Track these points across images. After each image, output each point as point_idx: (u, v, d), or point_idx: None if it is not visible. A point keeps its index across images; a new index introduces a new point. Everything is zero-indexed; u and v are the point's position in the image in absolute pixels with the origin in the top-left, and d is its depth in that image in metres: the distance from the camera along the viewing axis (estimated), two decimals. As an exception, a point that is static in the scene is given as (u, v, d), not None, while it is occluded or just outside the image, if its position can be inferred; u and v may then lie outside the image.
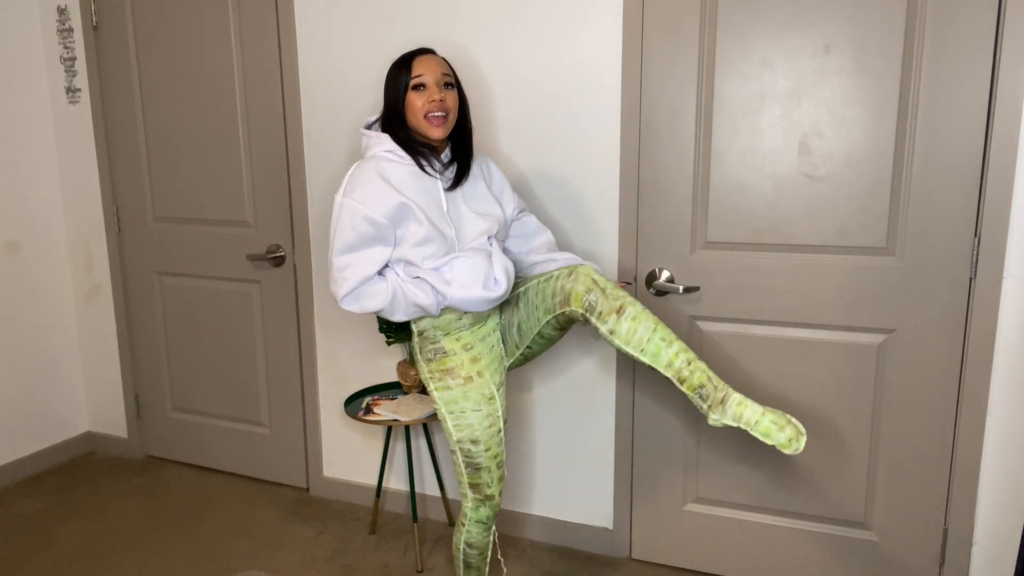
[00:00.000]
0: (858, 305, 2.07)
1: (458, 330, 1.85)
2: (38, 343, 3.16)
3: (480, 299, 1.78)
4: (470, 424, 1.84)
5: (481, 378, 1.85)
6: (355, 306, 1.78)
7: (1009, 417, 1.99)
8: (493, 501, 1.91)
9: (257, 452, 3.03)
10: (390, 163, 1.79)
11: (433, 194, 1.81)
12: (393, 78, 1.81)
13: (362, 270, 1.75)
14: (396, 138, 1.81)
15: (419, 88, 1.77)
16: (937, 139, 1.93)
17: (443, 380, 1.85)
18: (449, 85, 1.80)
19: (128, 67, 2.94)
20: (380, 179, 1.75)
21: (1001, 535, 2.05)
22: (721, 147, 2.13)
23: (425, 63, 1.78)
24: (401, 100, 1.79)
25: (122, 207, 3.09)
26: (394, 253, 1.79)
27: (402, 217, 1.75)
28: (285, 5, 2.60)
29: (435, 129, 1.77)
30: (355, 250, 1.76)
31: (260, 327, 2.91)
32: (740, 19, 2.05)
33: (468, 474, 1.88)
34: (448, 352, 1.85)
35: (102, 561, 2.49)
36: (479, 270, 1.78)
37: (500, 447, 1.89)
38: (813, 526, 2.24)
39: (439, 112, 1.76)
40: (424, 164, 1.80)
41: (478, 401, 1.84)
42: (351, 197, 1.74)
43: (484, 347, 1.88)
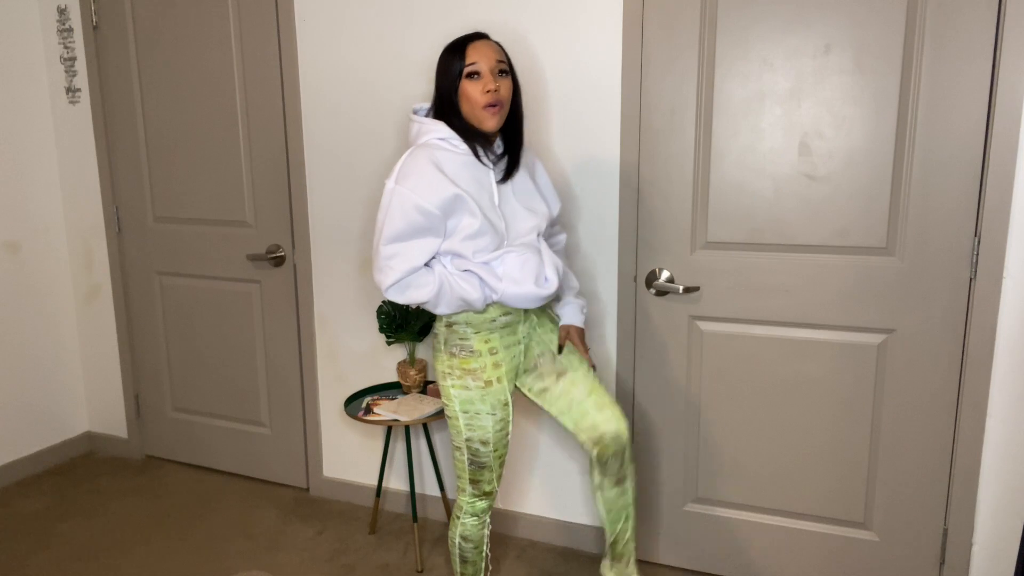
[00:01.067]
0: (858, 305, 2.07)
1: (489, 331, 1.82)
2: (38, 343, 3.16)
3: (532, 295, 1.75)
4: (483, 426, 1.82)
5: (500, 384, 1.83)
6: (400, 297, 1.74)
7: (1009, 417, 1.99)
8: (491, 497, 1.91)
9: (257, 452, 3.03)
10: (444, 152, 1.73)
11: (486, 186, 1.76)
12: (446, 64, 1.74)
13: (410, 260, 1.71)
14: (452, 126, 1.75)
15: (473, 76, 1.71)
16: (937, 139, 1.93)
17: (463, 379, 1.82)
18: (503, 72, 1.74)
19: (128, 67, 2.94)
20: (434, 168, 1.69)
21: (1001, 535, 2.05)
22: (721, 147, 2.13)
23: (479, 49, 1.72)
24: (454, 88, 1.73)
25: (122, 207, 3.09)
26: (443, 245, 1.74)
27: (456, 208, 1.70)
28: (285, 5, 2.60)
29: (490, 119, 1.72)
30: (404, 239, 1.71)
31: (260, 327, 2.91)
32: (740, 19, 2.05)
33: (471, 471, 1.87)
34: (475, 352, 1.81)
35: (102, 561, 2.49)
36: (531, 266, 1.75)
37: (505, 448, 1.89)
38: (813, 526, 2.24)
39: (494, 102, 1.71)
40: (480, 153, 1.75)
41: (494, 406, 1.82)
42: (404, 185, 1.69)
43: (507, 355, 1.85)
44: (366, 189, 2.60)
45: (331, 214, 2.68)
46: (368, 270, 2.66)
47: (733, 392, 2.24)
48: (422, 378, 2.54)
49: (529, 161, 1.92)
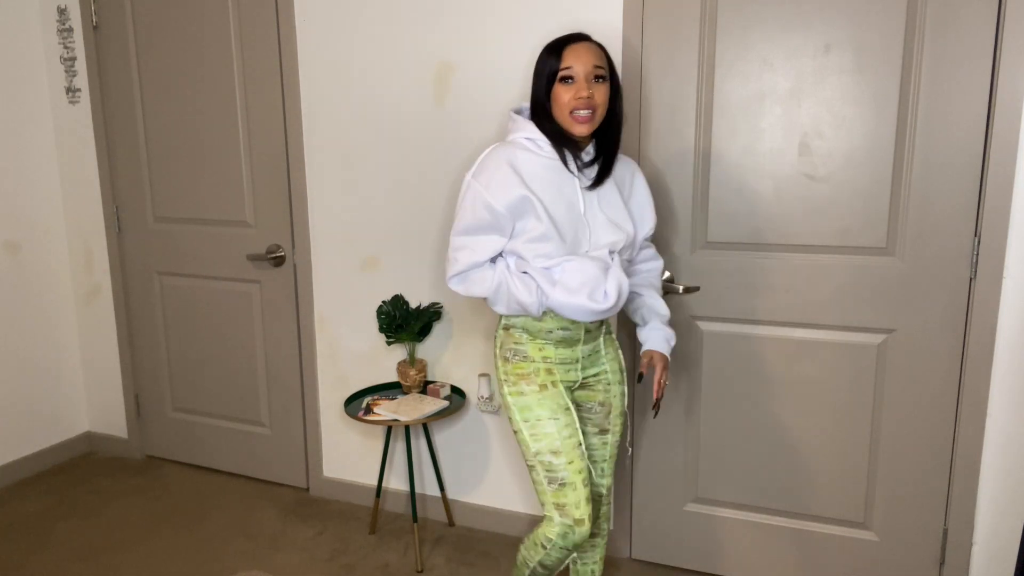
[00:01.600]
0: (858, 305, 2.07)
1: (544, 341, 1.75)
2: (38, 343, 3.16)
3: (583, 308, 1.66)
4: (548, 433, 1.71)
5: (556, 388, 1.74)
6: (461, 288, 1.74)
7: (1009, 417, 1.99)
8: (583, 528, 1.69)
9: (257, 452, 3.03)
10: (526, 152, 1.69)
11: (566, 192, 1.69)
12: (541, 65, 1.68)
13: (473, 255, 1.70)
14: (541, 127, 1.69)
15: (567, 81, 1.64)
16: (937, 139, 1.93)
17: (518, 384, 1.75)
18: (600, 78, 1.66)
19: (128, 67, 2.94)
20: (509, 167, 1.66)
21: (1001, 535, 2.05)
22: (721, 147, 2.13)
23: (577, 52, 1.64)
24: (546, 91, 1.67)
25: (122, 207, 3.09)
26: (509, 244, 1.70)
27: (523, 210, 1.66)
28: (285, 5, 2.60)
29: (579, 126, 1.65)
30: (471, 233, 1.70)
31: (260, 327, 2.91)
32: (740, 19, 2.05)
33: (552, 492, 1.70)
34: (528, 358, 1.75)
35: (102, 561, 2.49)
36: (588, 276, 1.67)
37: (584, 461, 1.73)
38: (813, 526, 2.24)
39: (585, 109, 1.64)
40: (567, 159, 1.69)
41: (554, 410, 1.72)
42: (478, 180, 1.67)
43: (561, 368, 1.77)
44: (366, 189, 2.60)
45: (331, 214, 2.68)
46: (368, 270, 2.66)
47: (733, 392, 2.24)
48: (422, 378, 2.54)
49: (624, 173, 1.82)
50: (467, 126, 2.42)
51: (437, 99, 2.44)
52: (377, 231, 2.61)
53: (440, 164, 2.48)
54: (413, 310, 2.52)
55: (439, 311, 2.53)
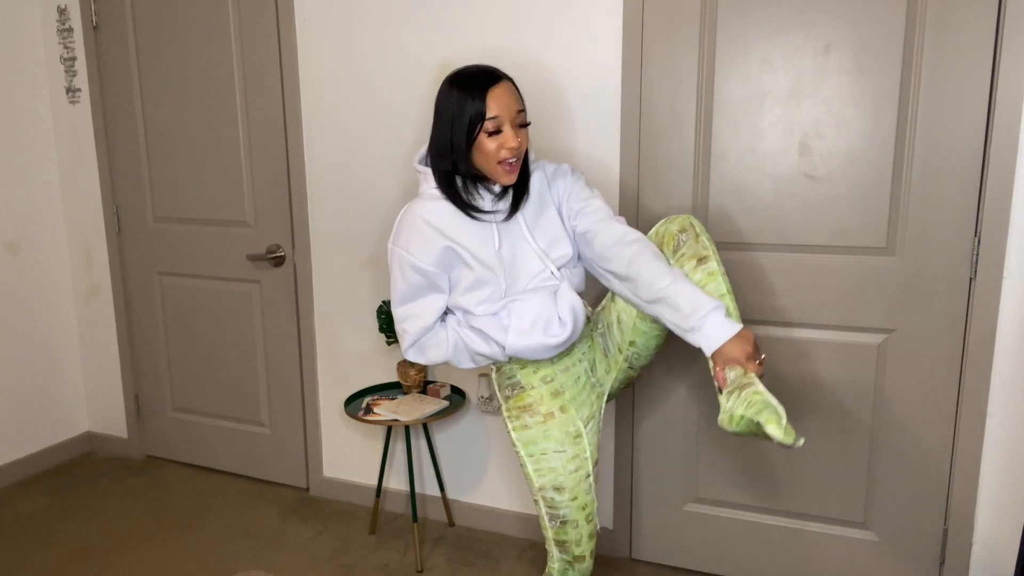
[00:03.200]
0: (858, 305, 2.07)
1: (536, 362, 1.68)
2: (38, 343, 3.16)
3: (541, 346, 1.59)
4: (552, 468, 1.64)
5: (564, 413, 1.66)
6: (421, 358, 1.67)
7: (1009, 417, 1.99)
8: (584, 564, 1.69)
9: (257, 452, 3.03)
10: (437, 201, 1.63)
11: (486, 232, 1.63)
12: (458, 108, 1.56)
13: (420, 321, 1.64)
14: (439, 175, 1.62)
15: (495, 133, 1.55)
16: (937, 139, 1.93)
17: (520, 418, 1.67)
18: (524, 125, 1.60)
19: (128, 67, 2.94)
20: (424, 223, 1.60)
21: (1001, 535, 2.05)
22: (721, 147, 2.13)
23: (501, 99, 1.55)
24: (468, 139, 1.56)
25: (122, 207, 3.09)
26: (450, 300, 1.65)
27: (450, 262, 1.61)
28: (285, 5, 2.60)
29: (507, 176, 1.58)
30: (410, 300, 1.65)
31: (260, 327, 2.91)
32: (740, 19, 2.05)
33: (553, 529, 1.68)
34: (525, 387, 1.67)
35: (102, 561, 2.49)
36: (536, 313, 1.59)
37: (589, 496, 1.68)
38: (813, 526, 2.24)
39: (513, 159, 1.57)
40: (471, 211, 1.61)
41: (561, 440, 1.65)
42: (398, 245, 1.63)
43: (568, 378, 1.68)
44: (366, 189, 2.60)
45: (331, 214, 2.68)
46: (368, 268, 2.66)
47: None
48: (422, 378, 2.54)
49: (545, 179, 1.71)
50: (467, 126, 2.41)
51: (437, 99, 2.44)
52: (377, 231, 2.61)
53: (440, 164, 2.47)
54: (413, 310, 2.51)
55: (439, 311, 2.53)
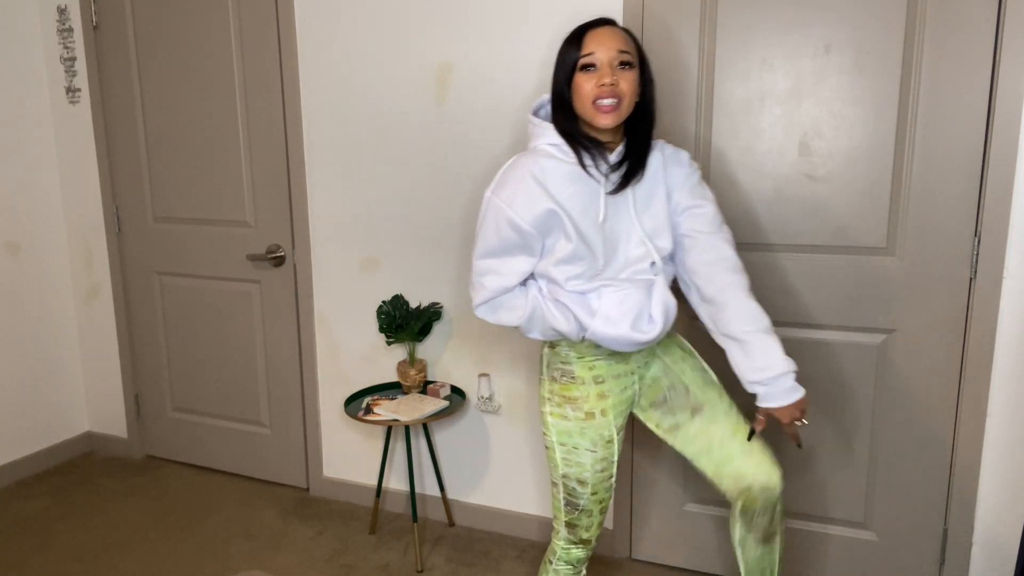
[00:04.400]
0: (858, 305, 2.07)
1: (594, 357, 1.61)
2: (38, 343, 3.16)
3: (626, 339, 1.52)
4: (581, 463, 1.62)
5: (604, 417, 1.61)
6: (490, 316, 1.59)
7: (1009, 417, 1.99)
8: (589, 546, 1.70)
9: (257, 452, 3.03)
10: (551, 160, 1.52)
11: (592, 202, 1.52)
12: (561, 56, 1.52)
13: (501, 280, 1.55)
14: (560, 129, 1.53)
15: (588, 69, 1.48)
16: (937, 139, 1.93)
17: (562, 408, 1.62)
18: (626, 64, 1.49)
19: (128, 67, 2.94)
20: (533, 179, 1.50)
21: (1001, 535, 2.05)
22: (721, 147, 2.13)
23: (599, 38, 1.48)
24: (567, 83, 1.51)
25: (122, 207, 3.09)
26: (539, 265, 1.55)
27: (551, 227, 1.51)
28: (285, 5, 2.60)
29: (602, 117, 1.48)
30: (497, 256, 1.55)
31: (260, 327, 2.91)
32: (740, 19, 2.05)
33: (566, 512, 1.67)
34: (576, 379, 1.61)
35: (102, 561, 2.49)
36: (630, 305, 1.51)
37: (608, 493, 1.67)
38: (813, 526, 2.24)
39: (609, 98, 1.47)
40: (587, 163, 1.51)
41: (595, 441, 1.61)
42: (499, 196, 1.51)
43: (616, 386, 1.63)
44: (366, 189, 2.60)
45: (331, 214, 2.68)
46: (368, 269, 2.66)
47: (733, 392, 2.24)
48: (422, 378, 2.54)
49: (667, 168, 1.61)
50: (467, 126, 2.42)
51: (437, 99, 2.44)
52: (377, 231, 2.61)
53: (440, 164, 2.48)
54: (413, 310, 2.52)
55: (439, 311, 2.53)
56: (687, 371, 1.69)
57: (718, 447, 1.63)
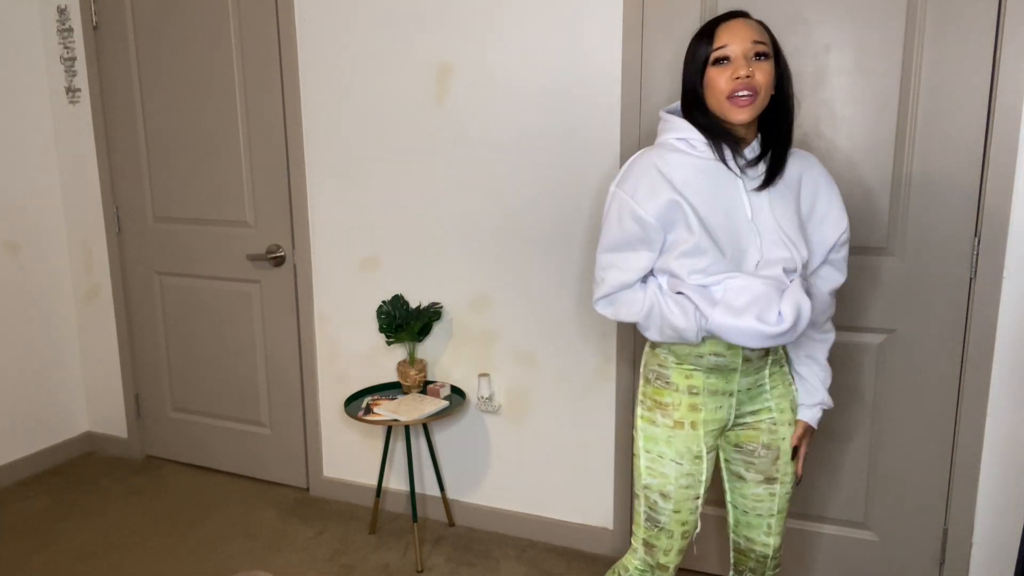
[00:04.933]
0: (858, 305, 2.07)
1: (693, 367, 1.53)
2: (38, 343, 3.16)
3: (751, 331, 1.39)
4: (665, 474, 1.54)
5: (694, 431, 1.53)
6: (609, 311, 1.56)
7: (1009, 417, 1.99)
8: (666, 573, 1.61)
9: (257, 452, 3.03)
10: (678, 153, 1.48)
11: (727, 197, 1.46)
12: (692, 50, 1.47)
13: (621, 275, 1.52)
14: (695, 121, 1.48)
15: (721, 62, 1.42)
16: (937, 139, 1.93)
17: (652, 412, 1.56)
18: (762, 55, 1.42)
19: (128, 67, 2.94)
20: (656, 171, 1.46)
21: (1001, 535, 2.05)
22: (721, 147, 2.12)
23: (732, 30, 1.42)
24: (699, 77, 1.45)
25: (122, 207, 3.09)
26: (659, 261, 1.50)
27: (673, 219, 1.45)
28: (285, 5, 2.60)
29: (739, 111, 1.41)
30: (618, 250, 1.52)
31: (260, 327, 2.91)
32: (740, 19, 2.05)
33: (646, 529, 1.59)
34: (670, 384, 1.55)
35: (102, 561, 2.49)
36: (757, 294, 1.40)
37: (693, 515, 1.57)
38: (813, 526, 2.24)
39: (745, 91, 1.40)
40: (726, 156, 1.46)
41: (681, 453, 1.53)
42: (622, 189, 1.49)
43: (711, 402, 1.53)
44: (366, 189, 2.60)
45: (331, 214, 2.68)
46: (368, 270, 2.66)
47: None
48: (422, 378, 2.54)
49: (802, 174, 1.54)
50: (467, 126, 2.42)
51: (437, 99, 2.44)
52: (377, 231, 2.61)
53: (440, 164, 2.48)
54: (413, 310, 2.52)
55: (439, 311, 2.53)
56: (787, 437, 1.60)
57: (756, 515, 1.63)
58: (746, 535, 1.64)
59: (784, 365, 1.61)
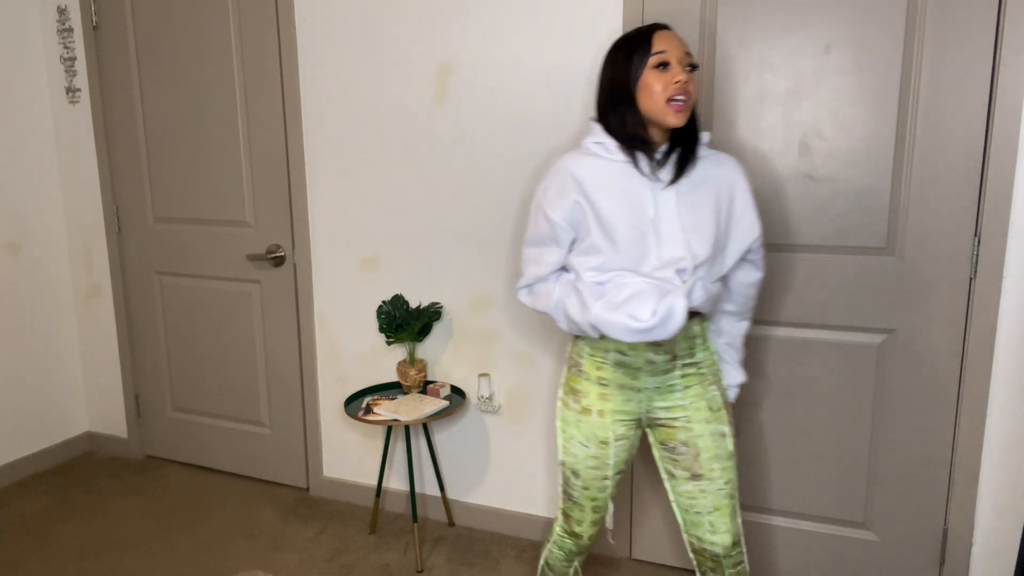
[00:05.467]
0: (858, 305, 2.07)
1: (602, 360, 1.63)
2: (38, 343, 3.16)
3: (621, 325, 1.51)
4: (574, 454, 1.68)
5: (602, 418, 1.64)
6: (528, 300, 1.74)
7: (1009, 417, 1.99)
8: (581, 541, 1.76)
9: (257, 452, 3.03)
10: (593, 157, 1.58)
11: (638, 198, 1.54)
12: (624, 55, 1.55)
13: (537, 268, 1.68)
14: (609, 127, 1.57)
15: (661, 67, 1.51)
16: (937, 139, 1.93)
17: (567, 396, 1.69)
18: (691, 67, 1.54)
19: (128, 67, 2.94)
20: (569, 175, 1.57)
21: (1001, 535, 2.05)
22: (721, 147, 2.12)
23: (667, 39, 1.53)
24: (635, 81, 1.53)
25: (122, 207, 3.09)
26: (568, 257, 1.63)
27: (578, 219, 1.57)
28: (285, 5, 2.60)
29: (675, 115, 1.51)
30: (535, 245, 1.68)
31: (260, 327, 2.91)
32: (740, 19, 2.05)
33: (563, 500, 1.75)
34: (583, 373, 1.66)
35: (102, 561, 2.49)
36: (635, 292, 1.52)
37: (602, 493, 1.70)
38: (813, 526, 2.24)
39: (682, 96, 1.50)
40: (639, 160, 1.55)
41: (588, 437, 1.65)
42: (540, 189, 1.64)
43: (619, 395, 1.64)
44: (366, 189, 2.60)
45: (331, 214, 2.68)
46: (368, 270, 2.66)
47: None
48: (422, 378, 2.54)
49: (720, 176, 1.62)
50: (467, 126, 2.42)
51: (437, 99, 2.44)
52: (377, 231, 2.62)
53: (440, 164, 2.48)
54: (413, 310, 2.52)
55: (439, 311, 2.53)
56: (705, 436, 1.64)
57: (695, 513, 1.67)
58: (695, 535, 1.68)
59: (704, 368, 1.66)
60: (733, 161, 1.66)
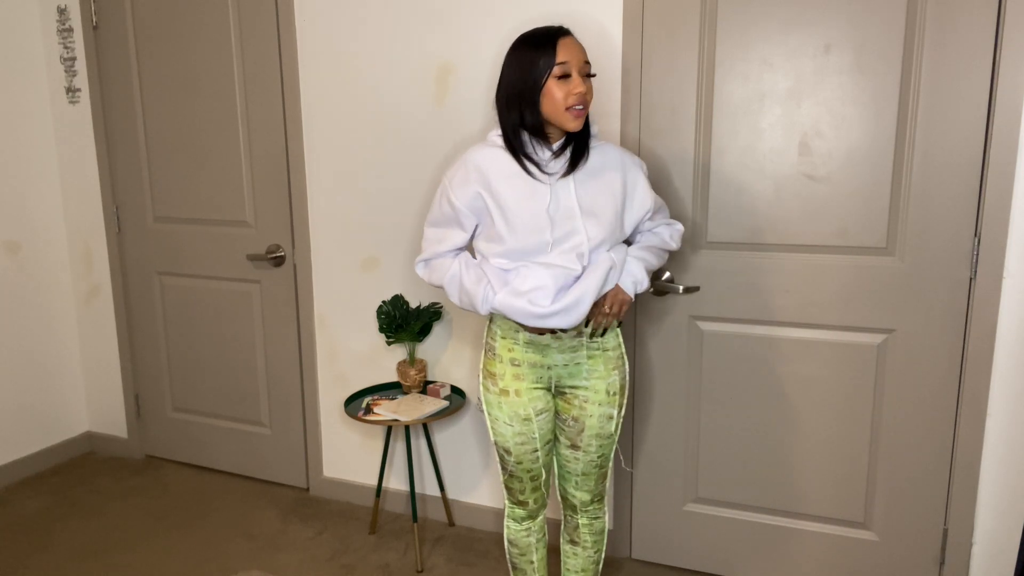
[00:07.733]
0: (858, 305, 2.07)
1: (513, 341, 1.77)
2: (38, 343, 3.16)
3: (522, 310, 1.63)
4: (502, 433, 1.80)
5: (519, 397, 1.77)
6: (424, 273, 1.84)
7: (1009, 417, 1.99)
8: (526, 508, 1.90)
9: (257, 452, 3.03)
10: (498, 149, 1.70)
11: (535, 189, 1.66)
12: (528, 59, 1.63)
13: (437, 246, 1.79)
14: (506, 125, 1.68)
15: (564, 78, 1.61)
16: (937, 139, 1.93)
17: (486, 380, 1.82)
18: (589, 75, 1.66)
19: (128, 67, 2.94)
20: (473, 166, 1.70)
21: (1001, 535, 2.05)
22: (721, 147, 2.13)
23: (569, 48, 1.62)
24: (539, 87, 1.62)
25: (122, 207, 3.09)
26: (474, 243, 1.77)
27: (479, 208, 1.70)
28: (285, 5, 2.60)
29: (574, 121, 1.62)
30: (438, 225, 1.79)
31: (260, 327, 2.91)
32: (740, 19, 2.05)
33: (503, 475, 1.88)
34: (496, 355, 1.79)
35: (102, 561, 2.49)
36: (538, 283, 1.63)
37: (536, 464, 1.83)
38: (813, 526, 2.24)
39: (580, 105, 1.61)
40: (527, 164, 1.66)
41: (511, 416, 1.78)
42: (447, 175, 1.74)
43: (531, 373, 1.77)
44: (366, 189, 2.60)
45: (331, 214, 2.68)
46: (368, 270, 2.66)
47: (733, 392, 2.24)
48: (422, 378, 2.54)
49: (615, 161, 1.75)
50: (467, 126, 2.42)
51: (437, 99, 2.44)
52: (377, 231, 2.62)
53: (440, 164, 2.48)
54: (413, 310, 2.52)
55: (439, 311, 2.53)
56: (595, 416, 1.79)
57: (567, 472, 1.88)
58: (563, 486, 1.91)
59: (610, 352, 1.80)
60: (620, 149, 1.80)
